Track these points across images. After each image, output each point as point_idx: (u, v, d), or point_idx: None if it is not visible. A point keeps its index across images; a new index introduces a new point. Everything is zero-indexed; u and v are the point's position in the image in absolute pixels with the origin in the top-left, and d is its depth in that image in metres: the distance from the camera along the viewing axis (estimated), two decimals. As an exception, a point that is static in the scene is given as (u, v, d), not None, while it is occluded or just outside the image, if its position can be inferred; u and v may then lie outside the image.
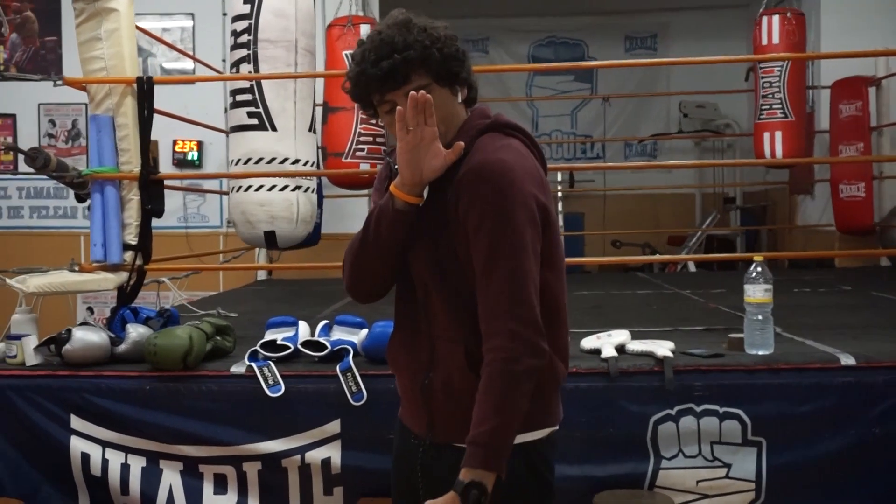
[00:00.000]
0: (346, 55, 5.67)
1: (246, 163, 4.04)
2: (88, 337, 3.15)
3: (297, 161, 4.10)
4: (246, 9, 4.08)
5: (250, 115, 4.06)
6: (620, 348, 3.22)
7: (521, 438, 1.91)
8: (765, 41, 5.98)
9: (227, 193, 7.66)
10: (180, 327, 3.20)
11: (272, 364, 3.10)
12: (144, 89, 3.61)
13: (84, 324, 3.28)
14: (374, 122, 6.25)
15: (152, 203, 3.61)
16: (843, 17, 7.48)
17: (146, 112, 3.62)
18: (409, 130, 1.84)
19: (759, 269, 3.15)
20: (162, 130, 7.25)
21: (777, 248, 9.15)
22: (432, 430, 2.01)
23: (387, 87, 1.89)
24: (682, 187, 10.09)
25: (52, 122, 8.10)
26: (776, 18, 5.93)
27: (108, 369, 3.16)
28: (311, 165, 4.23)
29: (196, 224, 8.09)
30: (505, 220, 1.85)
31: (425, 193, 1.94)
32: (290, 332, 3.31)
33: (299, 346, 3.20)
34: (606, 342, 3.22)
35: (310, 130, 4.25)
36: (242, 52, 4.09)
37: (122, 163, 3.62)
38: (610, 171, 10.53)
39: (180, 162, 8.03)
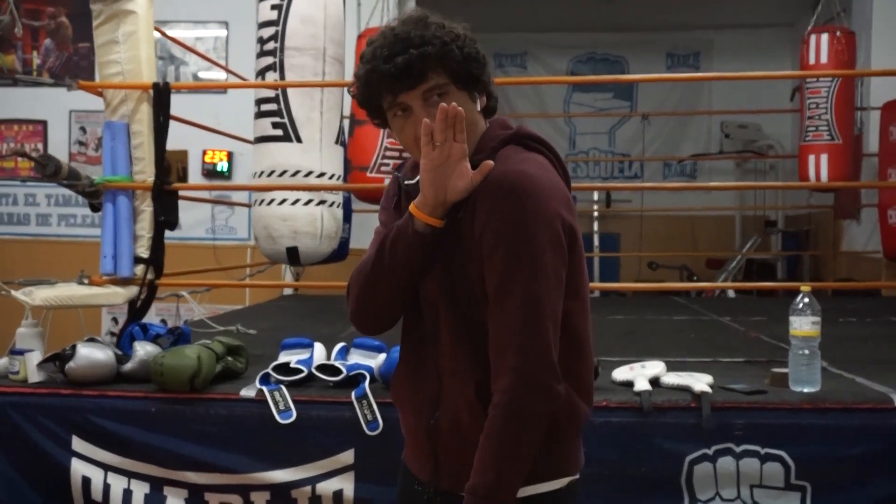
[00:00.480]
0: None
1: (269, 175, 3.88)
2: (93, 354, 3.00)
3: (322, 174, 3.94)
4: (273, 15, 3.93)
5: (275, 125, 3.91)
6: (654, 381, 3.02)
7: (534, 490, 1.73)
8: (812, 60, 5.75)
9: (250, 206, 7.61)
10: (190, 346, 3.04)
11: (284, 388, 2.93)
12: (161, 95, 3.47)
13: (90, 340, 3.13)
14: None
15: (166, 214, 3.47)
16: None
17: (162, 119, 3.47)
18: (436, 146, 1.67)
19: (807, 300, 2.94)
20: (192, 140, 7.23)
21: (820, 274, 8.87)
22: (438, 476, 1.82)
23: (400, 85, 1.71)
24: (721, 209, 9.83)
25: (83, 130, 8.05)
26: (825, 37, 5.70)
27: (112, 389, 3.01)
28: (338, 179, 4.06)
29: (224, 236, 7.99)
30: (524, 241, 1.66)
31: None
32: (304, 355, 3.14)
33: (313, 370, 3.03)
34: (640, 374, 3.02)
35: (337, 143, 4.09)
36: (268, 60, 3.94)
37: (135, 172, 3.48)
38: (648, 191, 10.28)
39: (210, 172, 7.95)
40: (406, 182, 1.88)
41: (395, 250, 1.76)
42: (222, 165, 7.96)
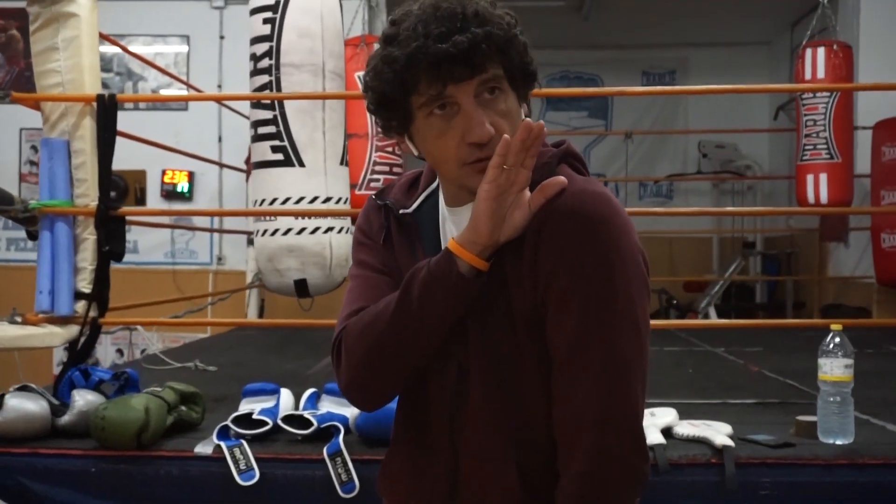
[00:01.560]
0: (359, 77, 5.19)
1: (272, 204, 3.54)
2: (24, 406, 2.61)
3: (328, 199, 3.61)
4: (266, 29, 3.59)
5: (275, 149, 3.57)
6: (667, 431, 2.67)
7: None
8: (808, 75, 5.48)
9: (216, 230, 7.21)
10: (137, 396, 2.65)
11: (245, 444, 2.55)
12: (106, 109, 3.08)
13: (23, 387, 2.73)
14: (392, 148, 5.80)
15: (111, 244, 3.07)
16: (884, 52, 6.96)
17: (107, 136, 3.09)
18: (505, 169, 1.30)
19: (838, 339, 2.60)
20: (151, 159, 6.85)
21: (804, 298, 8.59)
22: None
23: (456, 73, 1.32)
24: (700, 232, 9.57)
25: (35, 149, 7.60)
26: (821, 51, 5.44)
27: (46, 446, 2.61)
28: (345, 203, 3.73)
29: (184, 260, 7.59)
30: (609, 283, 1.32)
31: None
32: (269, 403, 2.76)
33: (279, 422, 2.66)
34: (650, 423, 2.67)
35: (342, 164, 3.76)
36: (263, 79, 3.61)
37: (77, 195, 3.09)
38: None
39: (169, 193, 7.57)
40: (402, 210, 1.52)
41: (430, 300, 1.36)
42: (183, 186, 7.58)
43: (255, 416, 2.66)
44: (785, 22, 9.13)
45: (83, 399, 2.67)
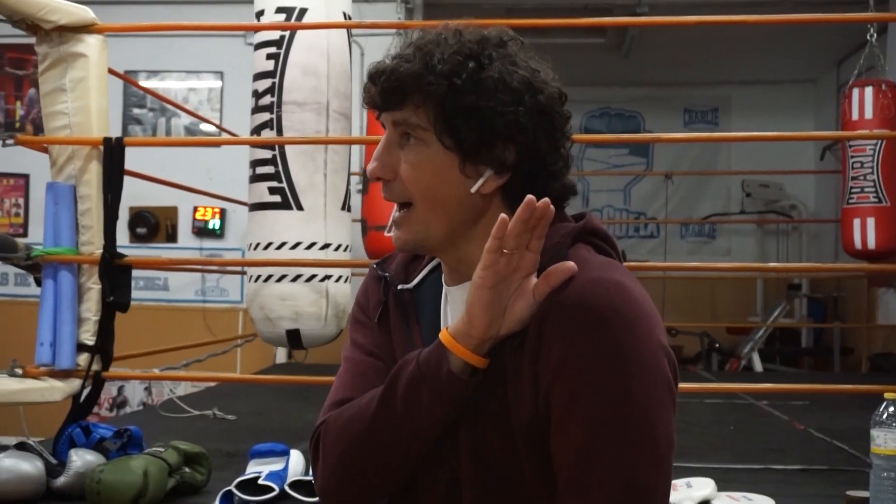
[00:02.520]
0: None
1: (266, 248, 3.39)
2: (18, 466, 2.46)
3: (327, 245, 3.44)
4: (269, 65, 3.45)
5: (272, 190, 3.42)
6: (704, 505, 2.47)
7: None
8: (855, 116, 5.25)
9: (242, 273, 7.10)
10: (136, 457, 2.50)
11: (249, 512, 2.39)
12: (112, 152, 2.96)
13: (20, 445, 2.59)
14: None
15: (116, 294, 2.94)
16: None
17: (113, 181, 2.96)
18: (505, 253, 1.14)
19: (892, 409, 2.37)
20: (182, 196, 6.76)
21: (852, 343, 8.29)
22: None
23: (378, 99, 1.26)
24: (743, 271, 9.26)
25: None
26: (869, 91, 5.22)
27: (39, 510, 2.47)
28: (345, 250, 3.56)
29: (214, 298, 7.48)
30: (625, 393, 1.12)
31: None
32: (278, 466, 2.60)
33: (287, 488, 2.49)
34: (685, 496, 2.47)
35: (343, 209, 3.58)
36: (264, 117, 3.47)
37: (82, 242, 2.97)
38: (667, 252, 9.73)
39: (200, 231, 7.47)
40: (401, 286, 1.35)
41: (416, 401, 1.19)
42: (214, 223, 7.49)
43: (261, 481, 2.49)
44: (830, 59, 8.89)
45: (81, 459, 2.52)
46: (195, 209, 7.46)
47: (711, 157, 9.90)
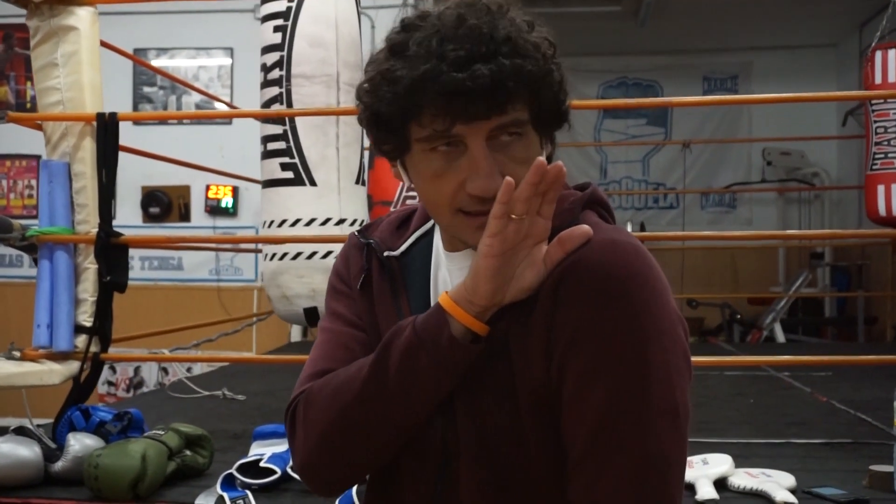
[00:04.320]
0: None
1: (280, 225, 3.31)
2: (16, 451, 2.40)
3: (342, 221, 3.36)
4: (276, 38, 3.35)
5: (284, 166, 3.33)
6: (721, 481, 2.38)
7: None
8: (878, 79, 5.09)
9: (258, 251, 7.05)
10: (136, 441, 2.44)
11: (250, 495, 2.32)
12: (107, 128, 2.88)
13: (19, 429, 2.54)
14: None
15: (113, 274, 2.87)
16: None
17: (108, 157, 2.89)
18: (513, 219, 1.06)
19: (917, 380, 2.28)
20: (195, 174, 6.70)
21: (877, 312, 8.14)
22: None
23: (470, 109, 1.07)
24: (765, 240, 9.11)
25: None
26: (892, 53, 5.05)
27: (38, 495, 2.39)
28: (361, 224, 3.48)
29: (229, 277, 7.44)
30: (647, 362, 1.06)
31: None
32: (281, 447, 2.52)
33: (289, 470, 2.42)
34: (702, 474, 2.37)
35: (357, 182, 3.50)
36: (273, 91, 3.37)
37: (78, 221, 2.90)
38: (686, 223, 9.60)
39: (214, 209, 7.42)
40: (387, 253, 1.27)
41: (412, 368, 1.11)
42: (227, 202, 7.44)
43: (263, 464, 2.43)
44: (853, 23, 8.70)
45: (79, 443, 2.46)
46: (207, 188, 7.42)
47: (731, 126, 9.74)
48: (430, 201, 1.17)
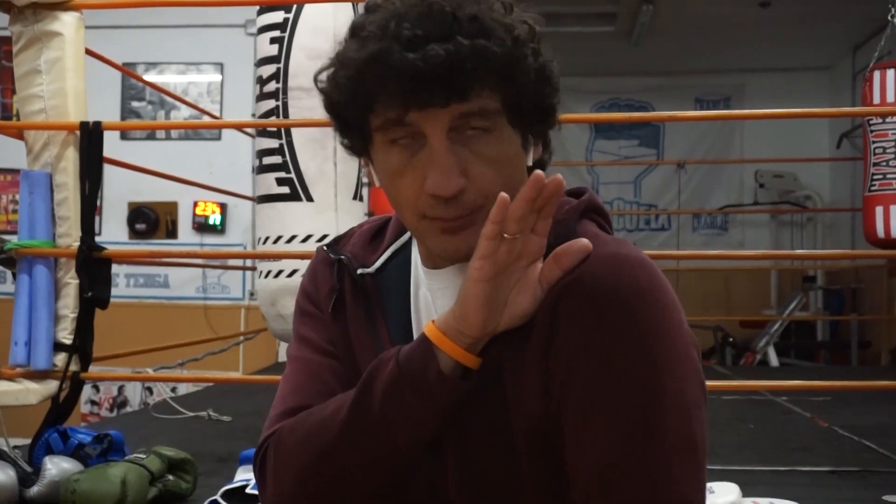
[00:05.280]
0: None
1: (276, 242, 3.22)
2: (-11, 474, 2.29)
3: None
4: (273, 49, 3.28)
5: (280, 181, 3.25)
6: (729, 512, 2.28)
7: None
8: (877, 99, 5.04)
9: (251, 269, 6.94)
10: (116, 464, 2.33)
11: (235, 523, 2.22)
12: (90, 137, 2.78)
13: (-7, 452, 2.42)
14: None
15: (94, 289, 2.76)
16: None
17: (91, 168, 2.78)
18: (506, 238, 0.95)
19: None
20: (183, 191, 6.60)
21: (870, 336, 8.08)
22: None
23: (423, 96, 0.96)
24: (757, 260, 9.04)
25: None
26: (891, 73, 5.00)
27: (11, 521, 2.30)
28: None
29: (216, 295, 7.33)
30: (660, 392, 0.94)
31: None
32: (268, 472, 2.41)
33: (277, 497, 2.31)
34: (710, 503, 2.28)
35: (355, 198, 3.41)
36: (270, 104, 3.29)
37: (59, 234, 2.80)
38: (678, 245, 9.53)
39: (201, 226, 7.32)
40: (361, 270, 1.15)
41: (397, 407, 1.00)
42: (215, 218, 7.33)
43: (249, 490, 2.31)
44: (846, 46, 8.68)
45: (56, 467, 2.35)
46: (195, 204, 7.32)
47: (724, 148, 9.69)
48: (394, 203, 1.05)
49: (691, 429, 0.95)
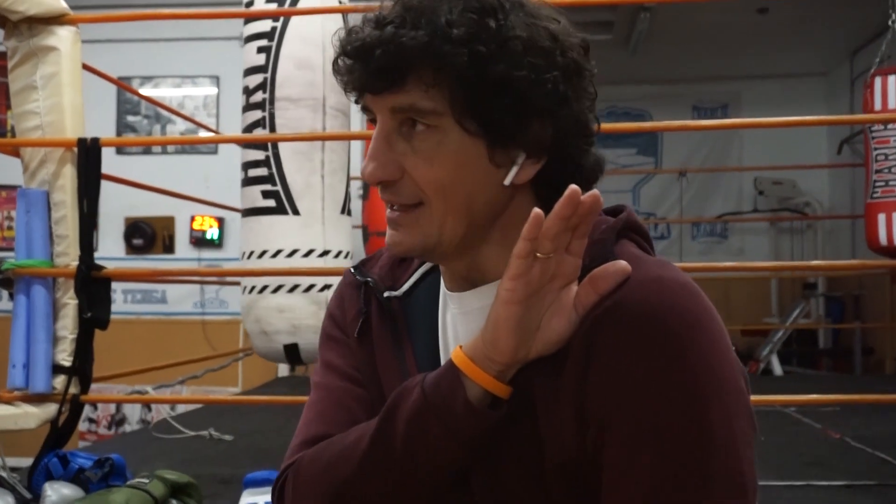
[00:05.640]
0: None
1: (261, 257, 3.15)
2: (-13, 502, 2.23)
3: (326, 253, 3.20)
4: (260, 59, 3.23)
5: (266, 194, 3.19)
6: (748, 530, 2.22)
7: None
8: (878, 105, 5.00)
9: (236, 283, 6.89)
10: (117, 490, 2.26)
11: (242, 550, 2.15)
12: (88, 154, 2.73)
13: (-8, 479, 2.36)
14: None
15: (94, 310, 2.70)
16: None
17: (89, 186, 2.73)
18: (539, 258, 0.89)
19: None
20: (180, 205, 6.54)
21: (872, 343, 8.03)
22: None
23: (367, 82, 0.97)
24: (757, 269, 9.00)
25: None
26: (892, 79, 4.96)
27: (11, 550, 2.24)
28: (346, 257, 3.32)
29: (214, 310, 7.26)
30: (708, 432, 0.87)
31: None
32: (274, 496, 2.35)
33: (284, 521, 2.24)
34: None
35: (343, 212, 3.34)
36: (256, 115, 3.24)
37: (57, 254, 2.74)
38: (678, 253, 9.49)
39: (199, 241, 7.26)
40: (387, 293, 1.10)
41: (422, 438, 0.94)
42: (213, 233, 7.27)
43: (255, 515, 2.26)
44: (844, 52, 8.66)
45: (56, 493, 2.28)
46: (192, 218, 7.27)
47: (722, 156, 9.66)
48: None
49: (740, 468, 0.88)
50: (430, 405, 0.93)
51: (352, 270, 1.16)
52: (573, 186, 0.87)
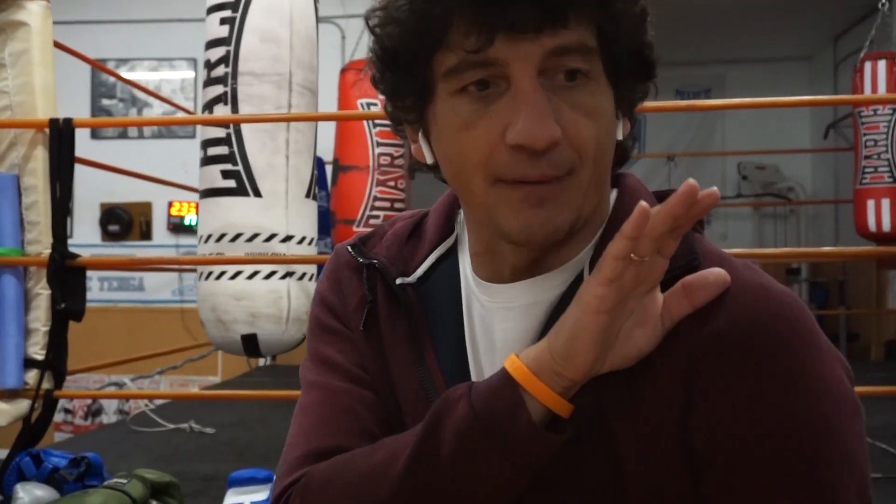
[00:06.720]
0: (363, 104, 4.71)
1: (219, 240, 2.99)
2: (-45, 505, 2.12)
3: (288, 238, 3.04)
4: (223, 31, 3.07)
5: (226, 174, 3.00)
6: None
7: None
8: (868, 91, 4.94)
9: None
10: (94, 492, 2.15)
11: (226, 554, 2.05)
12: (61, 136, 2.60)
13: (-39, 479, 2.24)
14: (394, 182, 5.40)
15: (68, 300, 2.58)
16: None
17: (62, 169, 2.60)
18: (634, 260, 0.76)
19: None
20: (157, 191, 6.40)
21: (860, 331, 8.00)
22: None
23: (514, 18, 0.75)
24: (757, 257, 8.98)
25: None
26: (882, 64, 4.90)
27: (-19, 556, 2.13)
28: (310, 243, 3.15)
29: (193, 298, 7.11)
30: (837, 459, 0.77)
31: None
32: (260, 495, 2.26)
33: (270, 523, 2.15)
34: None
35: (308, 196, 3.17)
36: (218, 90, 3.07)
37: (28, 241, 2.62)
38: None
39: (177, 227, 7.12)
40: (401, 280, 0.94)
41: (470, 460, 0.79)
42: (191, 219, 7.13)
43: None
44: (827, 35, 8.62)
45: (29, 495, 2.17)
46: (170, 204, 7.13)
47: (705, 141, 9.63)
48: (456, 168, 0.84)
49: (866, 494, 0.79)
50: (484, 426, 0.79)
51: (349, 249, 0.99)
52: (690, 180, 0.74)
